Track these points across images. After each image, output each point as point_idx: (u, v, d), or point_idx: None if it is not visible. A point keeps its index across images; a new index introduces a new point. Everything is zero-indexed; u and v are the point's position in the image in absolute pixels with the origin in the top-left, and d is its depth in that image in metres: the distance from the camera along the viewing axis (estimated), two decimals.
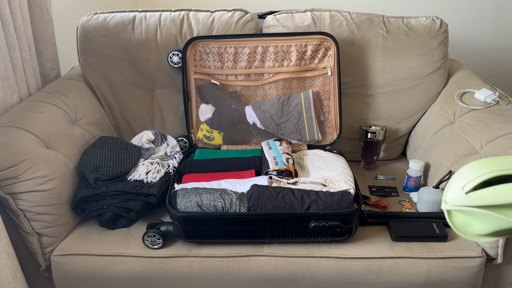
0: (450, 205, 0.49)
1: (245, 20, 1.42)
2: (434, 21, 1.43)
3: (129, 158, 1.22)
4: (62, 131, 1.20)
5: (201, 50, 1.37)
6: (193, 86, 1.40)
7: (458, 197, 0.48)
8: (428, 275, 1.03)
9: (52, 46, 1.41)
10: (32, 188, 1.02)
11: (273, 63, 1.38)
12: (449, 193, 0.50)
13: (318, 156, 1.29)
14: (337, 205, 1.02)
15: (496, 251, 1.04)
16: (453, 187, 0.50)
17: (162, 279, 1.05)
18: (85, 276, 1.05)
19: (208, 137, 1.42)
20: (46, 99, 1.25)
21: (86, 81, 1.46)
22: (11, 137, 1.05)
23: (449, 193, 0.50)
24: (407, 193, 1.29)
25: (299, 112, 1.37)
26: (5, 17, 1.15)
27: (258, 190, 1.05)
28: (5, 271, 0.96)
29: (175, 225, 1.04)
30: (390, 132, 1.48)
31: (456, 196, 0.49)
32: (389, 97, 1.45)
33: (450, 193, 0.50)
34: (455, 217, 0.51)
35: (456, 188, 0.49)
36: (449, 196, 0.50)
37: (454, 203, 0.49)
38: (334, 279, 1.05)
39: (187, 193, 1.06)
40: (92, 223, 1.16)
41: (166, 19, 1.41)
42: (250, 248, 1.06)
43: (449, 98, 1.37)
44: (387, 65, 1.42)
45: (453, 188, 0.49)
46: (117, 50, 1.42)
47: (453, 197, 0.49)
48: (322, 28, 1.41)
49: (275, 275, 1.04)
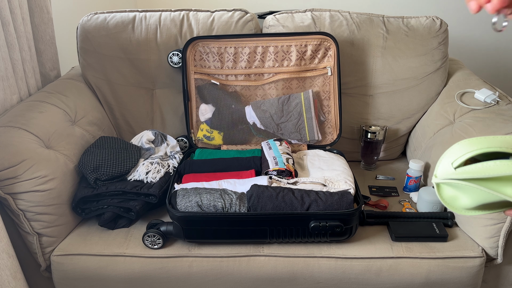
0: (439, 179, 0.52)
1: (245, 20, 1.42)
2: (434, 21, 1.43)
3: (129, 158, 1.22)
4: (62, 131, 1.20)
5: (201, 50, 1.37)
6: (193, 86, 1.40)
7: (447, 171, 0.51)
8: (428, 275, 1.03)
9: (52, 46, 1.41)
10: (32, 188, 1.02)
11: (273, 63, 1.38)
12: (439, 168, 0.53)
13: (318, 156, 1.29)
14: (337, 205, 1.02)
15: (496, 251, 1.04)
16: (443, 163, 0.52)
17: (162, 279, 1.05)
18: (85, 276, 1.05)
19: (208, 137, 1.42)
20: (46, 99, 1.25)
21: (86, 81, 1.46)
22: (11, 137, 1.05)
23: (439, 168, 0.53)
24: (407, 193, 1.29)
25: (299, 112, 1.37)
26: (5, 17, 1.15)
27: (258, 190, 1.05)
28: (5, 271, 0.96)
29: (175, 225, 1.04)
30: (390, 132, 1.48)
31: (445, 170, 0.51)
32: (389, 97, 1.45)
33: (441, 168, 0.52)
34: (444, 191, 0.54)
35: (446, 164, 0.52)
36: (439, 171, 0.53)
37: (443, 177, 0.52)
38: (334, 279, 1.05)
39: (187, 193, 1.06)
40: (92, 223, 1.16)
41: (166, 19, 1.41)
42: (250, 248, 1.06)
43: (449, 98, 1.37)
44: (387, 65, 1.42)
45: (443, 164, 0.52)
46: (117, 50, 1.42)
47: (443, 172, 0.52)
48: (322, 28, 1.41)
49: (275, 275, 1.04)
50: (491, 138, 0.50)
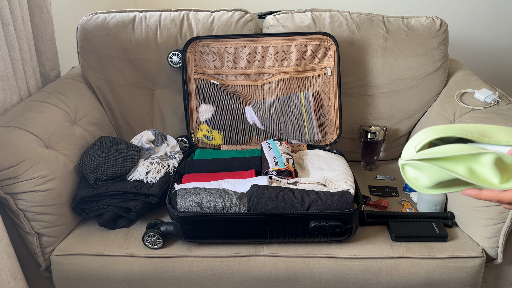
0: (403, 160, 0.61)
1: (245, 20, 1.42)
2: (434, 21, 1.43)
3: (129, 158, 1.22)
4: (62, 131, 1.20)
5: (201, 50, 1.37)
6: (193, 86, 1.40)
7: (409, 154, 0.60)
8: (428, 275, 1.03)
9: (52, 46, 1.41)
10: (32, 188, 1.02)
11: (273, 63, 1.38)
12: (404, 152, 0.61)
13: (318, 156, 1.29)
14: (337, 205, 1.02)
15: (496, 251, 1.04)
16: (407, 147, 0.60)
17: (162, 279, 1.05)
18: (85, 276, 1.05)
19: (208, 137, 1.42)
20: (46, 99, 1.25)
21: (86, 81, 1.46)
22: (11, 137, 1.05)
23: (404, 152, 0.61)
24: (407, 193, 1.30)
25: (299, 112, 1.37)
26: (5, 17, 1.15)
27: (258, 190, 1.05)
28: (5, 271, 0.96)
29: (175, 225, 1.04)
30: (390, 132, 1.48)
31: (408, 153, 0.60)
32: (389, 97, 1.45)
33: (405, 152, 0.61)
34: (408, 172, 0.62)
35: (410, 148, 0.60)
36: (404, 154, 0.61)
37: (406, 158, 0.60)
38: (334, 279, 1.05)
39: (187, 193, 1.06)
40: (92, 223, 1.16)
41: (166, 19, 1.41)
42: (250, 248, 1.06)
43: (449, 98, 1.37)
44: (387, 65, 1.42)
45: (408, 148, 0.60)
46: (117, 50, 1.42)
47: (406, 154, 0.60)
48: (322, 28, 1.41)
49: (275, 275, 1.04)
50: (450, 126, 0.57)
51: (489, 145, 0.56)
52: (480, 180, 0.56)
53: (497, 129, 0.56)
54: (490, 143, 0.56)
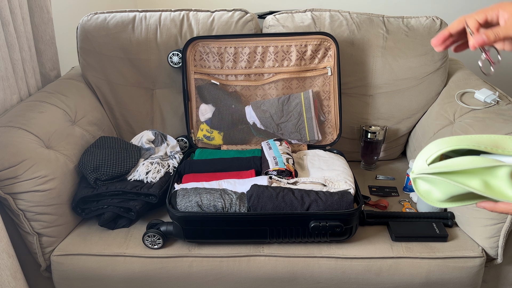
0: (415, 174, 0.58)
1: (245, 20, 1.42)
2: (434, 21, 1.43)
3: (129, 158, 1.22)
4: (62, 131, 1.20)
5: (201, 50, 1.37)
6: (193, 86, 1.40)
7: (421, 167, 0.57)
8: (428, 275, 1.03)
9: (52, 46, 1.41)
10: (32, 188, 1.02)
11: (273, 63, 1.38)
12: (415, 165, 0.59)
13: (318, 156, 1.29)
14: (337, 205, 1.02)
15: (496, 251, 1.04)
16: (419, 160, 0.58)
17: (162, 279, 1.05)
18: (85, 276, 1.05)
19: (208, 137, 1.42)
20: (46, 99, 1.25)
21: (86, 81, 1.46)
22: (11, 137, 1.05)
23: (415, 165, 0.59)
24: (407, 193, 1.29)
25: (299, 112, 1.37)
26: (5, 17, 1.15)
27: (258, 190, 1.05)
28: (5, 271, 0.96)
29: (175, 225, 1.04)
30: (390, 132, 1.48)
31: (420, 166, 0.58)
32: (389, 97, 1.45)
33: (416, 165, 0.59)
34: (420, 185, 0.60)
35: (421, 161, 0.58)
36: (415, 167, 0.59)
37: (418, 172, 0.58)
38: (334, 279, 1.05)
39: (187, 193, 1.06)
40: (92, 223, 1.16)
41: (166, 19, 1.41)
42: (250, 248, 1.06)
43: (449, 98, 1.37)
44: (387, 65, 1.42)
45: (419, 161, 0.58)
46: (117, 50, 1.42)
47: (418, 168, 0.58)
48: (322, 28, 1.41)
49: (275, 275, 1.04)
50: (462, 137, 0.55)
51: (503, 156, 0.54)
52: (496, 193, 0.53)
53: (510, 139, 0.54)
54: (504, 154, 0.53)
